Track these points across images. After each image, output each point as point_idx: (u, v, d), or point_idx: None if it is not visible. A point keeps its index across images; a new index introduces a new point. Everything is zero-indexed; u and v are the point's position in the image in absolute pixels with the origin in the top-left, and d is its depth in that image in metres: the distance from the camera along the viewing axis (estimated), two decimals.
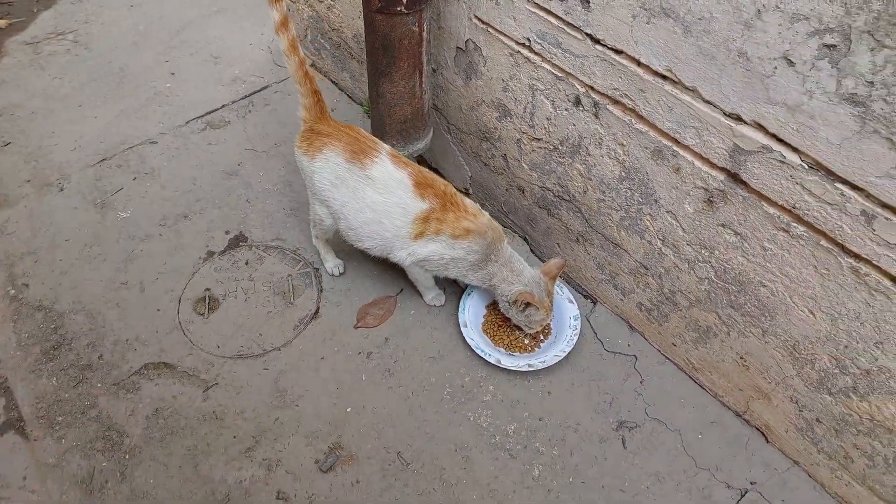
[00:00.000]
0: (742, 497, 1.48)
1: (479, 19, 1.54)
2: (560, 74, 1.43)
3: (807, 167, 1.08)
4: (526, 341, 1.74)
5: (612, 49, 1.27)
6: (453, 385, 1.69)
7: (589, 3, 1.25)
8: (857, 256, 1.10)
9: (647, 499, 1.49)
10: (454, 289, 1.86)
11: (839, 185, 1.05)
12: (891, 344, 1.13)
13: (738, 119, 1.14)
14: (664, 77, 1.22)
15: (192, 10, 2.83)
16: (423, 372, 1.71)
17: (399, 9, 1.46)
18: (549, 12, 1.35)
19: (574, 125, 1.48)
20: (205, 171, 2.20)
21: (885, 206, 1.01)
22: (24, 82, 2.50)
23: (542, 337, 1.75)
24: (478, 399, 1.66)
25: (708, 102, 1.16)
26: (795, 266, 1.21)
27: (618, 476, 1.53)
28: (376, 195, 1.60)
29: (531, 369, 1.65)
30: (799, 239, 1.17)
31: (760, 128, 1.11)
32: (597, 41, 1.29)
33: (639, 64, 1.24)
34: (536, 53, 1.45)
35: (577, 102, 1.43)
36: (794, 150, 1.08)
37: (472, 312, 1.77)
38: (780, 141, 1.09)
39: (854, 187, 1.03)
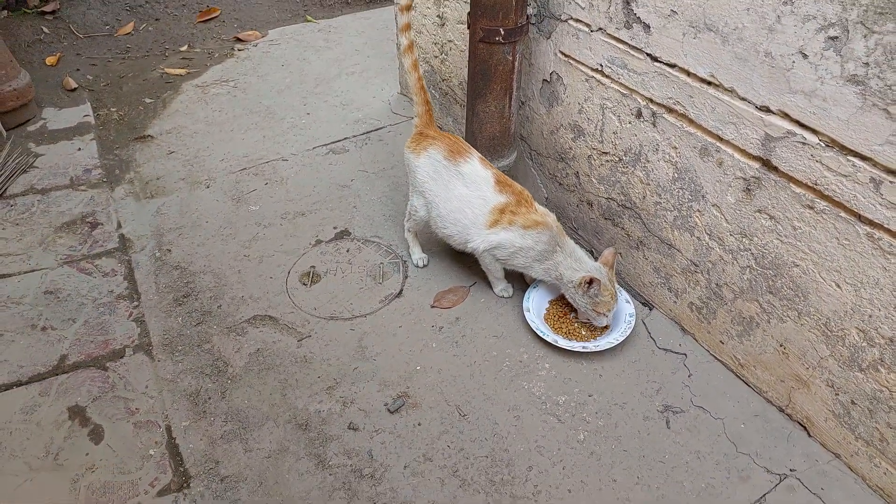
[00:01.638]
0: (780, 482, 1.54)
1: (563, 53, 1.91)
2: (625, 92, 1.74)
3: (823, 145, 1.29)
4: (583, 332, 1.92)
5: (667, 64, 1.58)
6: (512, 360, 1.88)
7: (650, 27, 1.58)
8: (870, 223, 1.27)
9: (685, 472, 1.58)
10: (521, 286, 2.09)
11: (850, 158, 1.25)
12: None
13: (767, 110, 1.38)
14: (708, 83, 1.49)
15: (330, 70, 3.45)
16: (486, 346, 1.92)
17: (497, 39, 1.85)
18: (618, 40, 1.69)
19: (636, 136, 1.76)
20: (323, 182, 2.63)
21: (888, 171, 1.20)
22: (192, 112, 3.13)
23: (599, 332, 1.93)
24: (533, 373, 1.84)
25: (743, 99, 1.42)
26: (821, 241, 1.38)
27: (659, 450, 1.63)
28: (464, 188, 1.92)
29: (585, 350, 1.82)
30: (822, 213, 1.35)
31: (785, 115, 1.35)
32: (655, 59, 1.60)
33: (688, 74, 1.53)
34: (607, 76, 1.78)
35: (639, 115, 1.72)
36: (813, 131, 1.31)
37: (535, 302, 1.99)
38: (801, 125, 1.32)
39: (862, 157, 1.23)
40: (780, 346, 1.58)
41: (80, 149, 2.89)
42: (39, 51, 3.68)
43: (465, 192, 1.92)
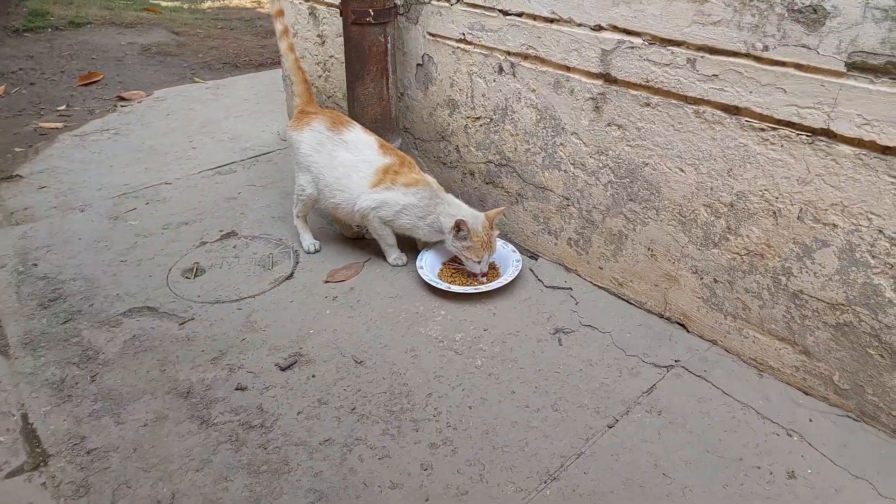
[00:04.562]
0: (668, 372, 1.59)
1: (431, 34, 2.09)
2: (486, 52, 1.92)
3: (647, 43, 1.50)
4: (474, 284, 1.95)
5: (515, 14, 1.78)
6: (408, 313, 1.87)
7: None
8: (694, 101, 1.46)
9: (579, 377, 1.60)
10: (415, 256, 2.12)
11: (669, 48, 1.46)
12: (737, 168, 1.43)
13: (600, 28, 1.59)
14: (551, 20, 1.70)
15: (218, 115, 3.50)
16: (382, 306, 1.90)
17: (368, 20, 2.02)
18: (474, 6, 1.90)
19: (500, 91, 1.93)
20: (208, 198, 2.59)
21: (698, 48, 1.41)
22: (68, 155, 3.03)
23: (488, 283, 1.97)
24: (430, 320, 1.83)
25: (580, 25, 1.63)
26: (661, 133, 1.55)
27: (553, 363, 1.65)
28: (348, 154, 1.98)
29: (476, 291, 1.85)
30: (657, 107, 1.53)
31: (614, 28, 1.56)
32: (506, 13, 1.81)
33: (534, 17, 1.74)
34: (469, 42, 1.97)
35: (500, 70, 1.90)
36: (637, 34, 1.51)
37: (428, 262, 2.02)
38: (627, 31, 1.53)
39: (677, 43, 1.44)
40: (648, 249, 1.70)
41: None
42: None
43: (349, 158, 1.98)
